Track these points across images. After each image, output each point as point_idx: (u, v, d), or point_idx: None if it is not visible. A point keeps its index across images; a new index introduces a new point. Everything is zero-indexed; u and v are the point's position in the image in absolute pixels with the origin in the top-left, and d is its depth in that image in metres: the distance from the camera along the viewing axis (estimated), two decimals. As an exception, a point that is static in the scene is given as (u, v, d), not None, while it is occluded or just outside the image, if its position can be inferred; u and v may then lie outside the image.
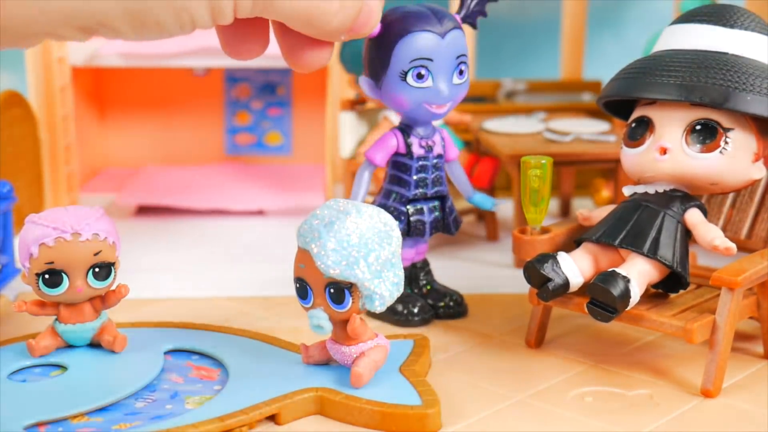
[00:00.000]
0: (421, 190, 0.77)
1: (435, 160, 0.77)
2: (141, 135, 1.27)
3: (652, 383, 0.67)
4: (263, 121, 1.28)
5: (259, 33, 0.57)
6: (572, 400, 0.65)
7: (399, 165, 0.77)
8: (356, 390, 0.62)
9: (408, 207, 0.77)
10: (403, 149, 0.76)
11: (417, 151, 0.76)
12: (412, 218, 0.77)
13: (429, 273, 0.81)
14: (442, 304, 0.79)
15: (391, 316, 0.78)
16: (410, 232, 0.77)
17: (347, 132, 1.03)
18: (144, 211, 1.12)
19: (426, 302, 0.79)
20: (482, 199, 0.82)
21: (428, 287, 0.81)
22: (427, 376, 0.68)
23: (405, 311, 0.77)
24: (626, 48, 1.53)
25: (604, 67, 1.26)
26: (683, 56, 0.69)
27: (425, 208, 0.77)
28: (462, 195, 0.82)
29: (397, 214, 0.76)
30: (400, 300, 0.77)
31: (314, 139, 1.27)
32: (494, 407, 0.64)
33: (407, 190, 0.76)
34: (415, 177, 0.76)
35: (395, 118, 1.01)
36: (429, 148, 0.76)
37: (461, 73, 0.73)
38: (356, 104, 1.05)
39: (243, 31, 0.56)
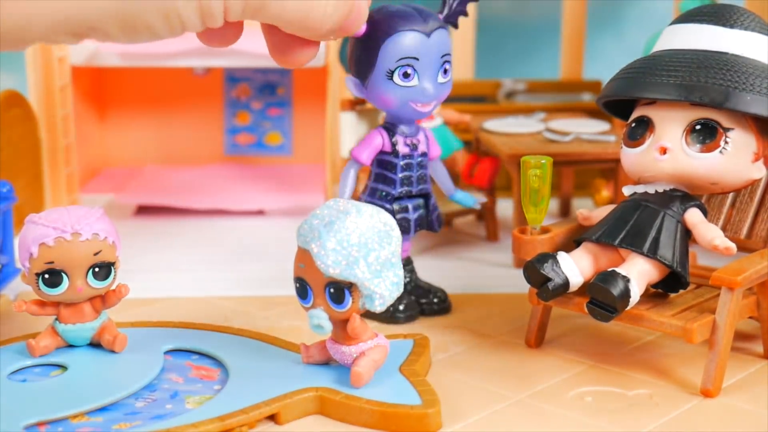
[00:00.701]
0: (406, 188, 0.77)
1: (420, 159, 0.77)
2: (141, 135, 1.27)
3: (652, 383, 0.67)
4: (263, 121, 1.28)
5: (233, 24, 0.57)
6: (572, 400, 0.65)
7: (384, 163, 0.77)
8: (356, 390, 0.62)
9: (394, 205, 0.77)
10: (388, 147, 0.76)
11: (402, 149, 0.76)
12: (397, 216, 0.77)
13: (412, 271, 0.82)
14: (425, 300, 0.80)
15: (377, 313, 0.78)
16: None
17: (347, 132, 1.03)
18: (144, 211, 1.12)
19: (411, 299, 0.79)
20: (463, 197, 0.82)
21: (412, 284, 0.81)
22: (427, 376, 0.68)
23: (390, 308, 0.78)
24: (626, 48, 1.53)
25: (604, 67, 1.26)
26: (683, 56, 0.69)
27: (410, 206, 0.78)
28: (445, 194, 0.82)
29: None
30: None
31: (314, 139, 1.27)
32: (494, 407, 0.64)
33: (393, 188, 0.77)
34: (400, 175, 0.77)
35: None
36: (414, 147, 0.77)
37: (445, 72, 0.74)
38: (356, 104, 1.05)
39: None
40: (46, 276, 0.65)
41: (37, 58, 1.06)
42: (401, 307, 0.78)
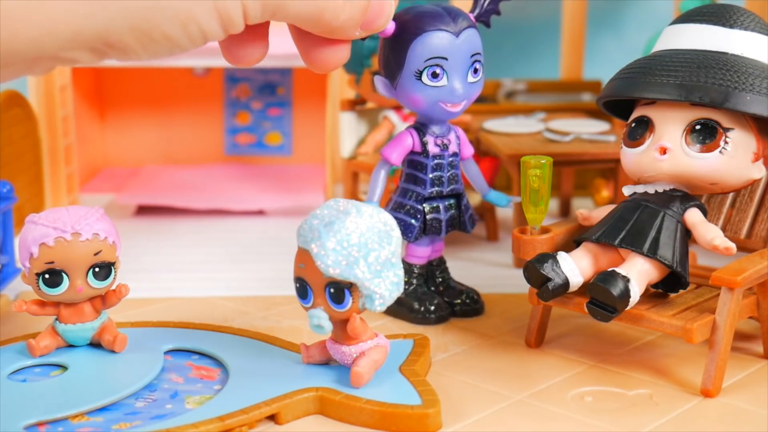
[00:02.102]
0: (437, 189, 0.77)
1: (450, 159, 0.77)
2: (141, 135, 1.27)
3: (652, 383, 0.67)
4: (263, 121, 1.28)
5: (258, 38, 0.56)
6: (572, 400, 0.65)
7: (415, 164, 0.77)
8: (356, 390, 0.62)
9: (424, 205, 0.77)
10: (418, 148, 0.76)
11: (432, 149, 0.76)
12: (428, 216, 0.77)
13: (445, 270, 0.82)
14: (458, 301, 0.80)
15: (408, 313, 0.78)
16: (426, 230, 0.77)
17: (347, 132, 1.03)
18: (144, 211, 1.12)
19: (443, 300, 0.79)
20: (497, 197, 0.82)
21: (444, 285, 0.81)
22: (427, 376, 0.68)
23: (422, 309, 0.78)
24: (626, 48, 1.53)
25: (604, 67, 1.26)
26: (683, 56, 0.69)
27: (441, 206, 0.78)
28: (478, 192, 0.82)
29: (413, 212, 0.77)
30: (416, 298, 0.78)
31: (314, 139, 1.27)
32: (494, 407, 0.64)
33: (423, 188, 0.77)
34: (430, 175, 0.77)
35: (395, 118, 1.01)
36: (444, 147, 0.77)
37: (476, 71, 0.73)
38: (356, 104, 1.05)
39: (242, 37, 0.56)
40: (47, 276, 0.65)
41: (37, 58, 1.06)
42: (432, 308, 0.78)
